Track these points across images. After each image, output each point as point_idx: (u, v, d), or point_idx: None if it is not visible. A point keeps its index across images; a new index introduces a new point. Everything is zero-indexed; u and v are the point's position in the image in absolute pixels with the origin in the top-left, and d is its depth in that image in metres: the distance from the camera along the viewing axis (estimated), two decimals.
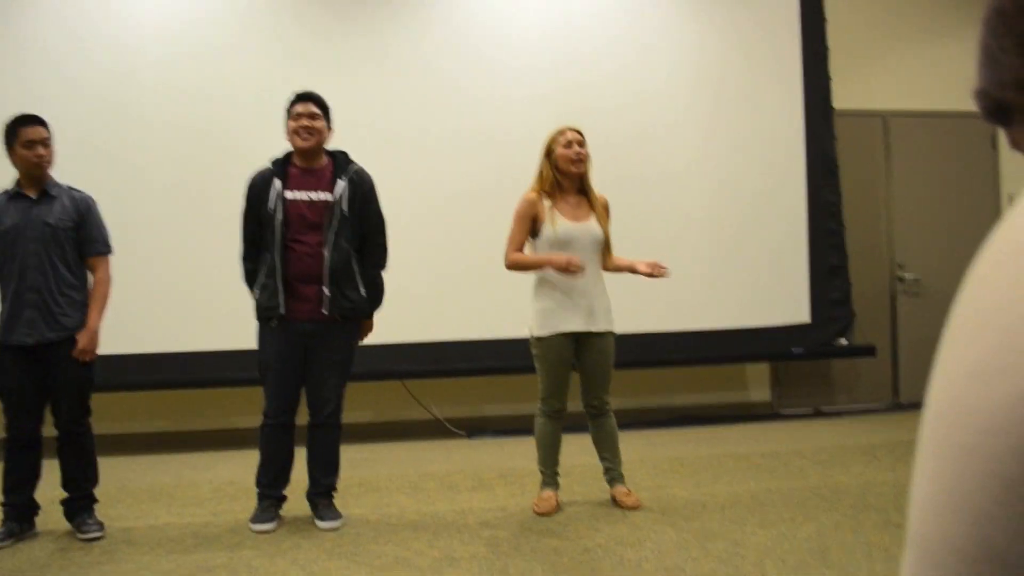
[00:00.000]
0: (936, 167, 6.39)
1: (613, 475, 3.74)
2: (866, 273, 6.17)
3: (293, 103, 3.61)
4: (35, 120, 3.46)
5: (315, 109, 3.58)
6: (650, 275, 3.66)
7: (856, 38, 6.29)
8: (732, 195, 5.80)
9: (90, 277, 3.57)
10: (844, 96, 6.05)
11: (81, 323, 3.47)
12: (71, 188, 3.56)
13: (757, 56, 5.86)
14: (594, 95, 5.61)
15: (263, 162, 3.66)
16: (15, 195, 3.46)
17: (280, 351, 3.54)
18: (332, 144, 3.72)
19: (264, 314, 3.55)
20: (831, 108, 5.93)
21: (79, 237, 3.50)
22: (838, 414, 6.02)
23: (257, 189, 3.58)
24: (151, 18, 5.37)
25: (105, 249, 3.59)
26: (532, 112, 5.46)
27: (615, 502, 3.66)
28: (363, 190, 3.62)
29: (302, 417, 3.65)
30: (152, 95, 5.32)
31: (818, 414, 6.08)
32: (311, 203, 3.53)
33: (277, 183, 3.53)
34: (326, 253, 3.50)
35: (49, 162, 3.47)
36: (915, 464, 0.47)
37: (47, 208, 3.45)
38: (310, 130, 3.53)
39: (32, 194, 3.46)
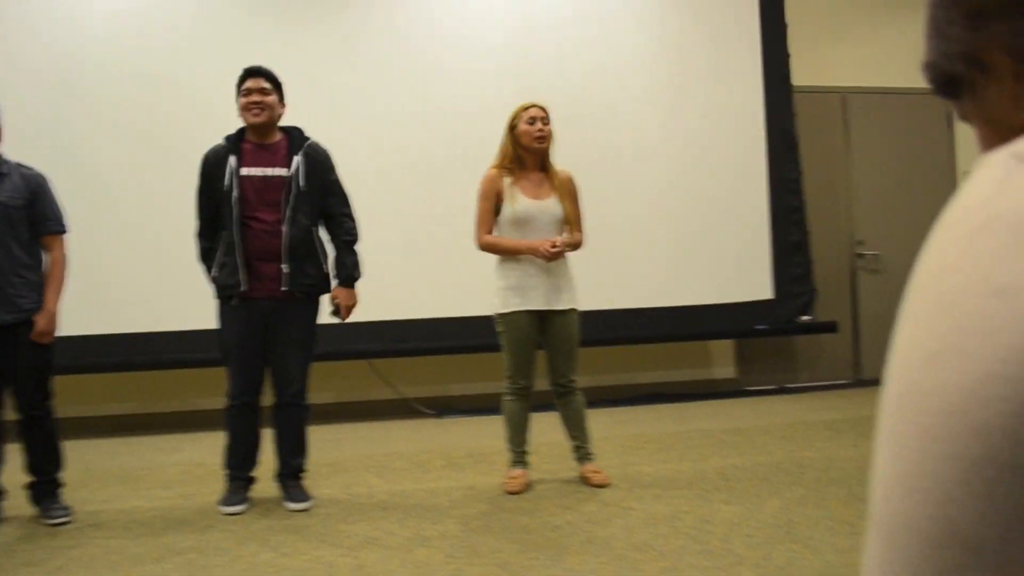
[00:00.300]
0: (894, 144, 6.49)
1: (582, 453, 3.77)
2: (827, 249, 6.25)
3: (243, 79, 3.53)
4: None
5: (265, 84, 3.50)
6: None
7: (815, 15, 6.34)
8: (695, 171, 5.83)
9: (45, 258, 3.49)
10: (803, 72, 6.10)
11: (38, 304, 3.39)
12: (20, 165, 3.44)
13: (718, 31, 5.89)
14: (556, 68, 5.60)
15: (218, 138, 3.59)
16: None
17: (241, 330, 3.49)
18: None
19: (224, 292, 3.50)
20: (790, 84, 5.97)
21: (32, 216, 3.40)
22: (802, 390, 6.13)
23: (211, 166, 3.51)
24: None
25: (59, 228, 3.50)
26: (495, 85, 5.44)
27: (584, 480, 3.70)
28: (319, 163, 3.57)
29: (269, 398, 3.62)
30: (102, 72, 5.21)
31: (782, 390, 6.17)
32: (267, 179, 3.47)
33: (232, 159, 3.46)
34: (284, 229, 3.44)
35: None
36: (876, 447, 0.46)
37: None
38: (261, 105, 3.46)
39: None
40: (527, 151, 3.59)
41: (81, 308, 4.35)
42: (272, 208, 3.46)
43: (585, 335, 3.81)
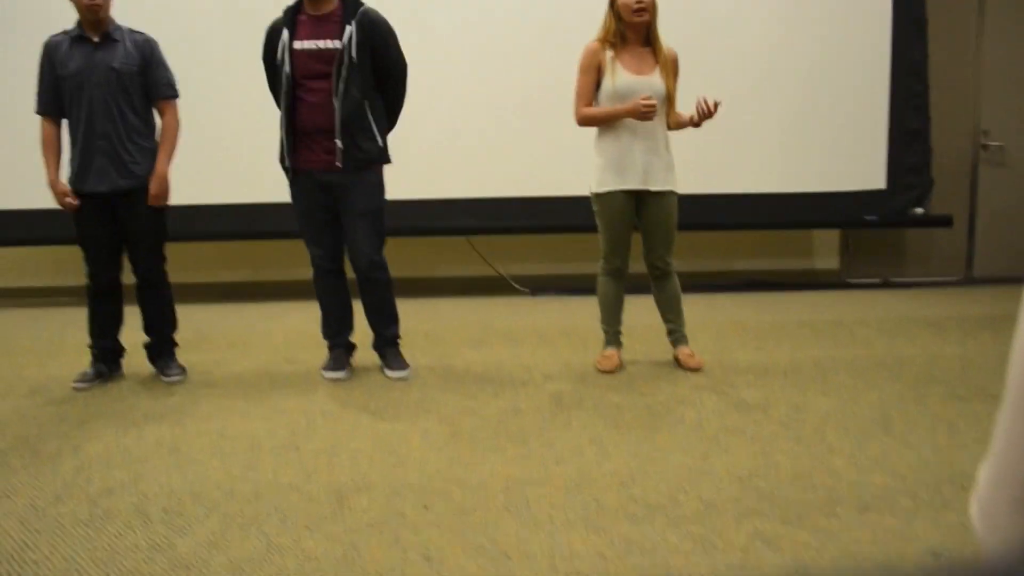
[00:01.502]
0: None
1: (676, 336, 3.75)
2: (947, 138, 5.91)
3: None
4: None
5: None
6: (703, 118, 3.46)
7: None
8: (810, 48, 5.52)
9: (158, 122, 3.57)
10: None
11: (151, 170, 3.49)
12: (132, 31, 3.50)
13: None
14: None
15: None
16: (77, 38, 3.41)
17: (306, 202, 3.53)
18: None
19: (282, 165, 3.54)
20: None
21: (145, 81, 3.48)
22: (908, 285, 5.92)
23: (269, 40, 3.49)
24: None
25: (172, 92, 3.57)
26: None
27: (678, 363, 3.71)
28: (375, 34, 3.45)
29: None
30: None
31: (887, 284, 5.98)
32: (319, 52, 3.40)
33: (285, 33, 3.41)
34: (336, 103, 3.39)
35: (102, 5, 3.38)
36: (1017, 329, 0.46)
37: (110, 52, 3.41)
38: None
39: (95, 38, 3.41)
40: (628, 24, 3.45)
41: (193, 177, 4.48)
42: (323, 80, 3.40)
43: (684, 219, 3.73)
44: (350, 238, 3.56)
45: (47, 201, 3.60)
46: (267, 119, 5.11)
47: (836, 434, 2.84)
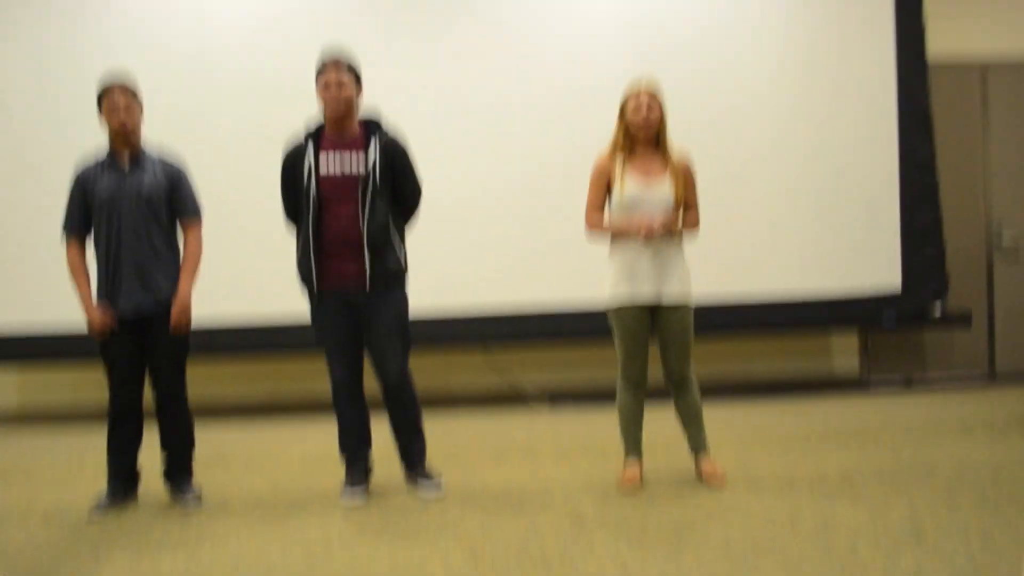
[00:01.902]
0: None
1: (697, 447, 3.69)
2: (961, 235, 5.93)
3: (321, 70, 3.51)
4: (120, 83, 3.51)
5: (344, 77, 3.47)
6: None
7: None
8: (821, 150, 5.61)
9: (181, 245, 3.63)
10: (939, 44, 5.79)
11: (175, 291, 3.54)
12: (163, 155, 3.61)
13: (848, 9, 5.64)
14: (672, 37, 5.50)
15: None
16: (109, 164, 3.51)
17: (328, 321, 3.55)
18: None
19: (304, 286, 3.57)
20: (925, 60, 5.65)
21: (172, 204, 3.57)
22: (930, 386, 5.84)
23: (289, 160, 3.56)
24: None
25: (197, 216, 3.64)
26: (610, 74, 5.38)
27: (699, 475, 3.64)
28: (396, 158, 3.54)
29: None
30: (229, 72, 5.43)
31: (909, 386, 5.90)
32: (343, 174, 3.47)
33: (309, 155, 3.49)
34: (362, 225, 3.45)
35: (133, 129, 3.50)
36: None
37: (140, 177, 3.50)
38: (339, 94, 3.46)
39: (125, 163, 3.51)
40: (636, 131, 3.53)
41: (215, 298, 4.50)
42: (348, 201, 3.46)
43: (702, 324, 3.73)
44: (378, 355, 3.58)
45: (67, 323, 3.64)
46: (280, 241, 5.23)
47: (868, 548, 2.76)
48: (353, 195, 3.46)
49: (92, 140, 3.73)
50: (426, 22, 5.51)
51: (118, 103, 3.47)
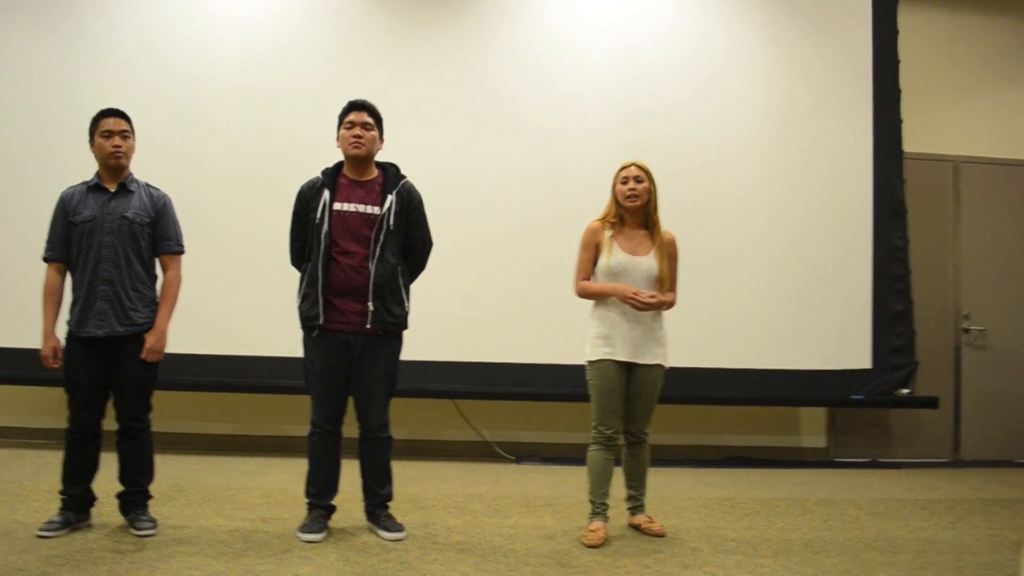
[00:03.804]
0: (1007, 216, 6.27)
1: (636, 505, 3.82)
2: (930, 322, 6.04)
3: (347, 111, 3.60)
4: (115, 112, 3.54)
5: (368, 119, 3.57)
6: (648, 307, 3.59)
7: (929, 81, 6.22)
8: (796, 234, 5.73)
9: (160, 276, 3.63)
10: (915, 139, 5.98)
11: (150, 321, 3.52)
12: (148, 185, 3.63)
13: (826, 95, 5.82)
14: (658, 126, 5.63)
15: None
16: (94, 187, 3.53)
17: (324, 360, 3.54)
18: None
19: (306, 324, 3.56)
20: (901, 151, 5.83)
21: (154, 234, 3.56)
22: (896, 466, 5.87)
23: (305, 198, 3.59)
24: (222, 21, 5.54)
25: (178, 248, 3.64)
26: (596, 142, 5.53)
27: (637, 529, 3.74)
28: (411, 207, 3.61)
29: (349, 427, 3.66)
30: (223, 99, 5.47)
31: (875, 464, 5.93)
32: (359, 215, 3.51)
33: (326, 193, 3.53)
34: (372, 267, 3.48)
35: (125, 154, 3.52)
36: None
37: (125, 201, 3.51)
38: (362, 139, 3.53)
39: (111, 187, 3.52)
40: (626, 208, 3.69)
41: (182, 327, 4.48)
42: (360, 244, 3.50)
43: (674, 392, 3.77)
44: (364, 399, 3.59)
45: (30, 341, 3.59)
46: (257, 275, 5.23)
47: None
48: (365, 235, 3.49)
49: (79, 159, 3.74)
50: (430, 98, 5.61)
51: (114, 130, 3.50)
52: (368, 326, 3.48)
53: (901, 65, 5.86)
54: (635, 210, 3.68)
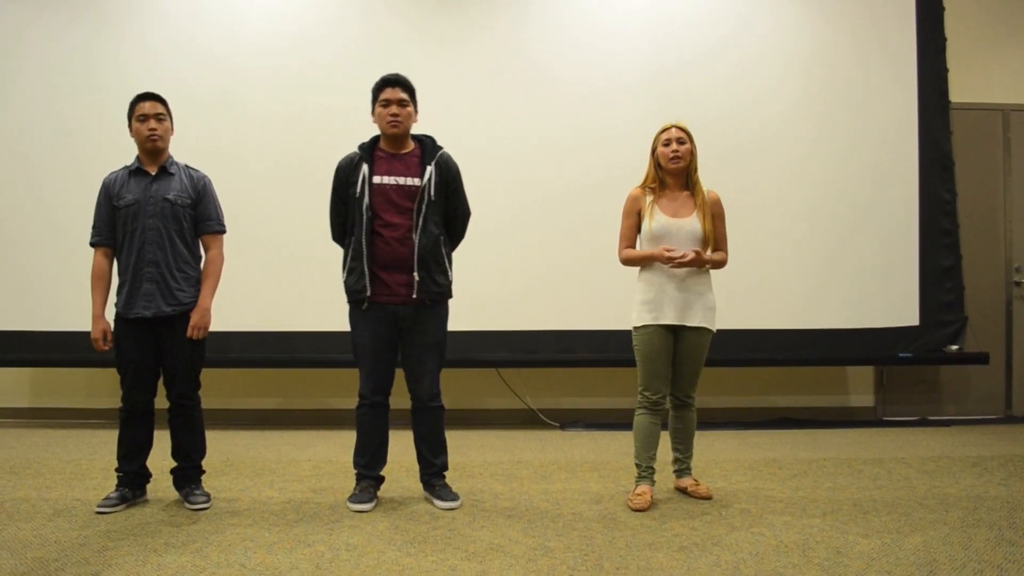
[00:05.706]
0: None
1: (682, 467, 3.82)
2: (980, 276, 5.91)
3: (380, 87, 3.59)
4: (150, 96, 3.59)
5: (403, 95, 3.56)
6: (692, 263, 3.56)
7: (974, 28, 6.04)
8: (841, 191, 5.64)
9: (203, 256, 3.69)
10: (961, 89, 5.84)
11: (195, 300, 3.59)
12: (188, 167, 3.68)
13: (870, 48, 5.68)
14: (703, 88, 5.55)
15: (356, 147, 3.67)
16: (135, 171, 3.59)
17: (371, 333, 3.57)
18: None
19: (353, 297, 3.59)
20: (948, 102, 5.68)
21: (196, 214, 3.62)
22: (946, 423, 5.78)
23: (344, 173, 3.60)
24: (248, 10, 5.56)
25: (220, 227, 3.70)
26: (633, 102, 5.48)
27: (685, 492, 3.75)
28: (450, 177, 3.62)
29: (396, 398, 3.70)
30: (252, 83, 5.50)
31: (924, 422, 5.85)
32: (399, 188, 3.52)
33: (364, 167, 3.54)
34: (415, 238, 3.50)
35: (162, 137, 3.57)
36: None
37: (166, 184, 3.57)
38: (399, 116, 3.53)
39: (152, 170, 3.58)
40: (667, 171, 3.66)
41: (229, 305, 4.56)
42: (403, 215, 3.51)
43: (721, 355, 3.76)
44: (414, 369, 3.63)
45: (84, 324, 3.67)
46: (300, 252, 5.28)
47: None
48: (407, 207, 3.51)
49: (99, 148, 3.79)
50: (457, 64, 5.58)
51: (149, 113, 3.55)
52: (415, 296, 3.51)
53: (945, 12, 5.70)
54: (677, 172, 3.65)
